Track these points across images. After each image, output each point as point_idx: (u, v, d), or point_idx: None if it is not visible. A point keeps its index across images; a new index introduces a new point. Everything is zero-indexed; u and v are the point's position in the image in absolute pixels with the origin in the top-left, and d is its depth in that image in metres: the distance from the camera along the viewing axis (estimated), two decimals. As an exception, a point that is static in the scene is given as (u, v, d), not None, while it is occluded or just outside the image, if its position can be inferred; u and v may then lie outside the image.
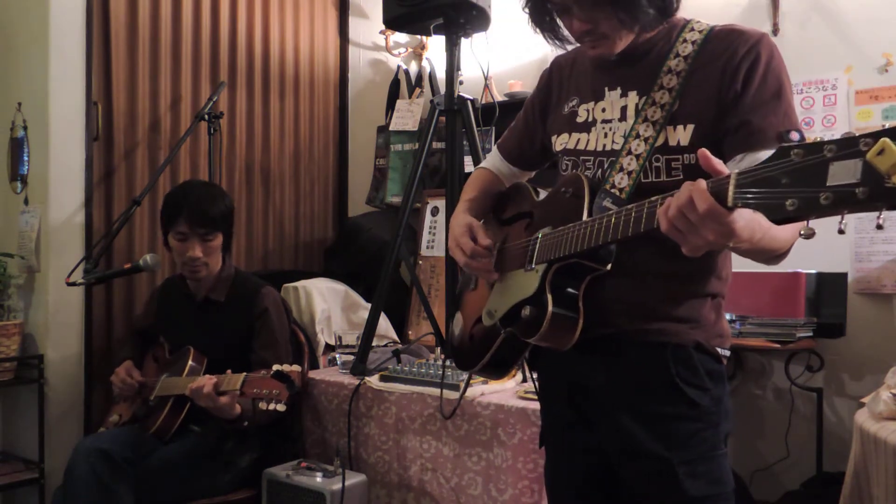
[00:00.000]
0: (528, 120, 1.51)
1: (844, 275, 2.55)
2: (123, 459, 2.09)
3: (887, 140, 0.71)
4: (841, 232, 0.79)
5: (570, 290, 1.22)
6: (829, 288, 2.48)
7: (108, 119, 2.86)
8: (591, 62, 1.37)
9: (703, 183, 0.92)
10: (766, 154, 1.11)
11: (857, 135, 0.76)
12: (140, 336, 2.62)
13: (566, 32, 1.31)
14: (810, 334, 2.43)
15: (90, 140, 2.78)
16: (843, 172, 0.75)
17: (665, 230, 0.97)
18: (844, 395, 2.62)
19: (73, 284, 2.40)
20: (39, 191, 2.75)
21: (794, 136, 1.15)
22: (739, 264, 2.47)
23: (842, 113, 2.65)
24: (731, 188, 0.87)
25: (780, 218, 0.82)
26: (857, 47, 2.62)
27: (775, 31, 2.76)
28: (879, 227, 0.77)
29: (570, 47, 1.37)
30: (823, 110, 2.69)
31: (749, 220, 0.94)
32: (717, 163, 0.95)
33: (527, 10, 1.33)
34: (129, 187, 2.91)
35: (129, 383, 2.36)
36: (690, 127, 1.20)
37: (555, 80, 1.45)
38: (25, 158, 2.80)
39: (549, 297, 1.20)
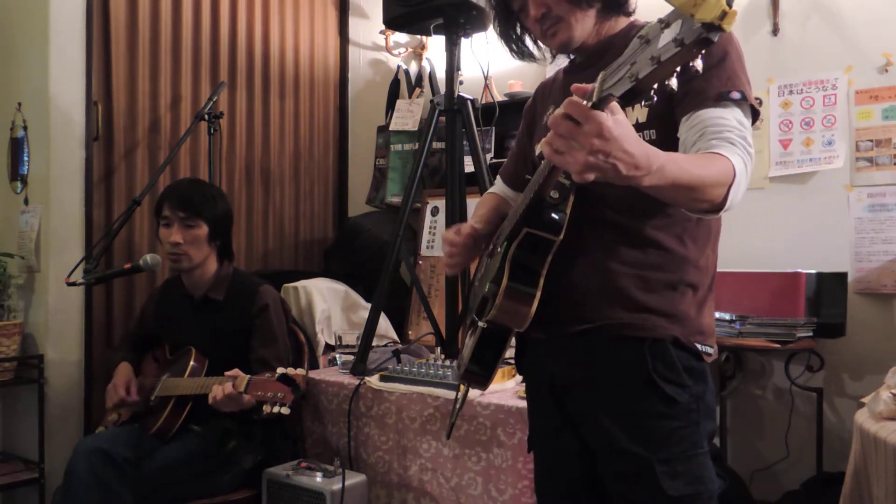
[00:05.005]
0: (520, 143, 1.59)
1: (844, 275, 2.55)
2: (123, 459, 2.08)
3: None
4: (696, 72, 0.86)
5: (530, 265, 1.22)
6: (829, 288, 2.48)
7: (108, 119, 2.86)
8: (563, 74, 1.45)
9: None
10: (707, 112, 1.16)
11: None
12: (136, 340, 2.59)
13: (531, 47, 1.44)
14: (810, 334, 2.43)
15: (90, 140, 2.79)
16: (669, 34, 0.83)
17: (549, 143, 0.97)
18: (844, 395, 2.62)
19: (73, 284, 2.40)
20: (39, 191, 2.75)
21: (735, 95, 1.18)
22: (740, 264, 2.49)
23: (842, 113, 2.65)
24: (597, 85, 0.92)
25: (625, 90, 0.87)
26: (857, 47, 2.62)
27: (775, 31, 2.76)
28: (697, 71, 0.85)
29: (546, 67, 1.46)
30: (823, 110, 2.69)
31: (623, 124, 0.94)
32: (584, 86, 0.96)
33: (496, 26, 1.45)
34: (129, 187, 2.91)
35: (128, 401, 2.34)
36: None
37: (538, 101, 1.54)
38: (25, 158, 2.80)
39: (507, 270, 1.21)
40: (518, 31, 1.45)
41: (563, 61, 1.46)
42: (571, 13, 1.28)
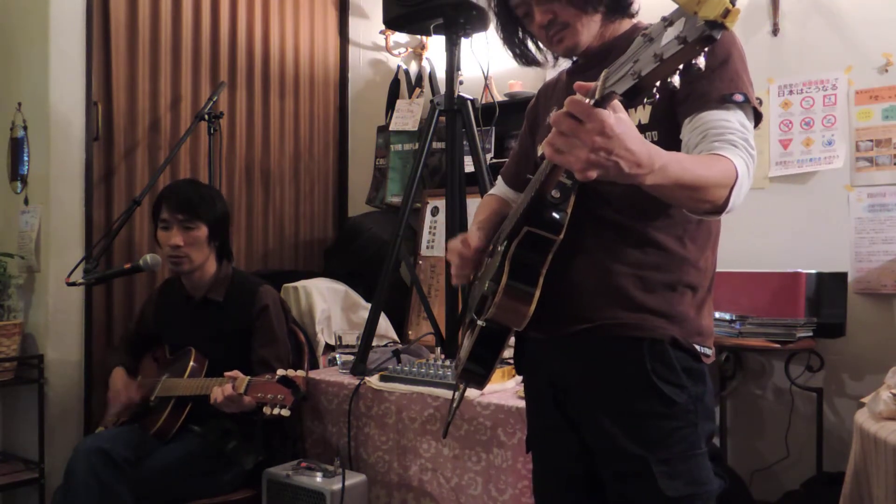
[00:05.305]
0: (522, 144, 1.59)
1: (844, 275, 2.55)
2: (123, 459, 2.09)
3: None
4: (699, 70, 0.85)
5: (530, 263, 1.22)
6: (829, 288, 2.48)
7: (108, 119, 2.86)
8: (567, 75, 1.45)
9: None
10: (709, 114, 1.16)
11: None
12: (136, 340, 2.59)
13: (534, 52, 1.44)
14: (810, 334, 2.43)
15: (90, 140, 2.78)
16: (672, 32, 0.84)
17: (550, 143, 0.96)
18: (844, 395, 2.62)
19: (73, 284, 2.40)
20: (39, 191, 2.75)
21: (738, 97, 1.18)
22: (740, 264, 2.49)
23: (842, 113, 2.65)
24: (600, 83, 0.91)
25: (628, 87, 0.87)
26: (857, 47, 2.62)
27: (775, 31, 2.76)
28: (700, 70, 0.85)
29: (548, 71, 1.48)
30: (823, 110, 2.69)
31: (625, 122, 0.93)
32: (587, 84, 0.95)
33: (499, 32, 1.45)
34: (129, 187, 2.91)
35: (134, 401, 2.35)
36: (649, 106, 1.23)
37: (541, 102, 1.54)
38: (25, 158, 2.80)
39: (507, 269, 1.21)
40: (521, 35, 1.44)
41: (565, 62, 1.46)
42: (578, 18, 1.28)
